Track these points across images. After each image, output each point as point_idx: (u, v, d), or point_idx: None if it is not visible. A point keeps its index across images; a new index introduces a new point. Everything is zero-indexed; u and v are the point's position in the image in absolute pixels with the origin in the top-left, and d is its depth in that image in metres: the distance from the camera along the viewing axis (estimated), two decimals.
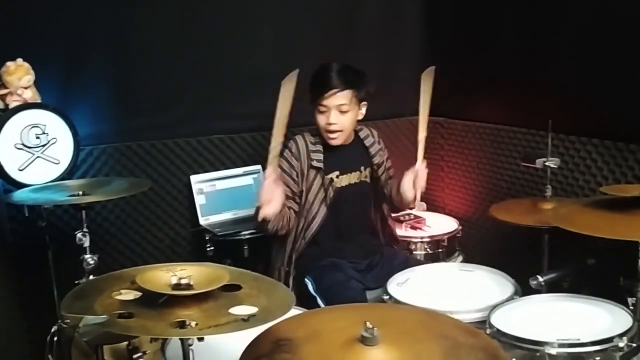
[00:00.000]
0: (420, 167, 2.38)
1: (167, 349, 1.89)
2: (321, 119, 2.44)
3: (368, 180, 2.61)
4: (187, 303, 1.35)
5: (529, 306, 1.91)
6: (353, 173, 2.54)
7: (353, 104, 2.43)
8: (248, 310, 1.37)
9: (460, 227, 3.00)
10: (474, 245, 3.19)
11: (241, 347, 1.43)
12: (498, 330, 1.74)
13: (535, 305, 1.91)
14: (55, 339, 2.61)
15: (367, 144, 2.61)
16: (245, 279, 1.54)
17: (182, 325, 1.26)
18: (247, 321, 1.31)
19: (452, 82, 3.27)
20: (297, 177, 2.47)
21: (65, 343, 2.67)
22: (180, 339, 1.41)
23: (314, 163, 2.46)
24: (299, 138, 2.52)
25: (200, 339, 1.39)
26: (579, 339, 1.63)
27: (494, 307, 1.89)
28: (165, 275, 1.42)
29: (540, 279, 2.03)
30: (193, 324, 1.30)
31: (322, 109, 2.43)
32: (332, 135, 2.46)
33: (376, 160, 2.61)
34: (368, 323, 1.36)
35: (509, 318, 1.83)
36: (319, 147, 2.49)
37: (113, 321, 1.24)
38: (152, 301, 1.36)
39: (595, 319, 1.78)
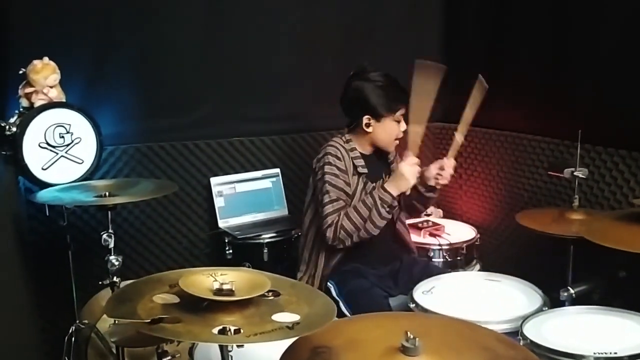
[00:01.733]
0: (448, 162, 2.41)
1: (195, 352, 1.88)
2: (395, 129, 2.46)
3: None
4: (229, 309, 1.34)
5: (560, 318, 1.89)
6: (380, 181, 2.53)
7: None
8: (291, 317, 1.35)
9: (479, 236, 2.99)
10: (492, 254, 3.17)
11: (275, 353, 1.42)
12: (532, 342, 1.72)
13: (567, 317, 1.89)
14: (74, 339, 2.61)
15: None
16: (283, 285, 1.53)
17: (227, 331, 1.25)
18: (292, 329, 1.29)
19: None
20: (348, 180, 2.44)
21: (82, 344, 2.66)
22: (219, 345, 1.40)
23: (360, 169, 2.45)
24: (333, 148, 2.44)
25: (240, 345, 1.38)
26: (616, 353, 1.62)
27: (525, 319, 1.88)
28: (206, 280, 1.40)
29: (571, 290, 2.02)
30: (240, 330, 1.29)
31: (397, 118, 2.45)
32: (398, 142, 2.51)
33: (393, 167, 2.62)
34: (409, 333, 1.35)
35: (541, 330, 1.82)
36: (357, 154, 2.47)
37: (160, 326, 1.23)
38: (194, 306, 1.35)
39: (629, 332, 1.76)
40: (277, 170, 3.13)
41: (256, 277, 1.46)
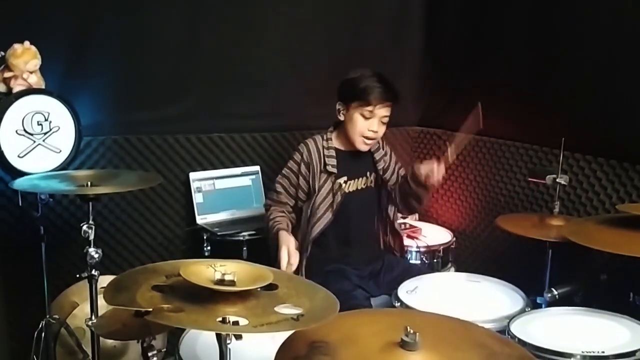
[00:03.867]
0: (438, 168, 2.37)
1: (181, 347, 1.84)
2: (362, 124, 2.42)
3: (373, 185, 2.60)
4: (231, 300, 1.31)
5: (545, 318, 1.93)
6: (360, 179, 2.53)
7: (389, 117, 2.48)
8: (293, 310, 1.33)
9: (455, 239, 3.03)
10: (467, 257, 3.22)
11: (271, 349, 1.40)
12: (520, 340, 1.75)
13: (552, 318, 1.93)
14: (43, 335, 2.52)
15: (372, 150, 2.60)
16: (280, 278, 1.51)
17: (234, 322, 1.22)
18: (297, 321, 1.27)
19: (453, 94, 3.30)
20: (300, 183, 2.47)
21: (51, 339, 2.58)
22: (217, 336, 1.37)
23: (329, 168, 2.45)
24: (310, 142, 2.51)
25: (239, 337, 1.35)
26: (603, 352, 1.65)
27: (511, 318, 1.90)
28: (207, 271, 1.37)
29: (555, 292, 2.06)
30: (238, 322, 1.26)
31: (367, 114, 2.41)
32: (367, 142, 2.46)
33: (380, 165, 2.60)
34: (409, 328, 1.35)
35: (528, 329, 1.85)
36: (332, 152, 2.47)
37: (165, 314, 1.19)
38: (194, 296, 1.32)
39: (614, 333, 1.81)
40: (257, 167, 3.11)
41: (256, 269, 1.44)
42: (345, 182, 2.50)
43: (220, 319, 1.23)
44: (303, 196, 2.50)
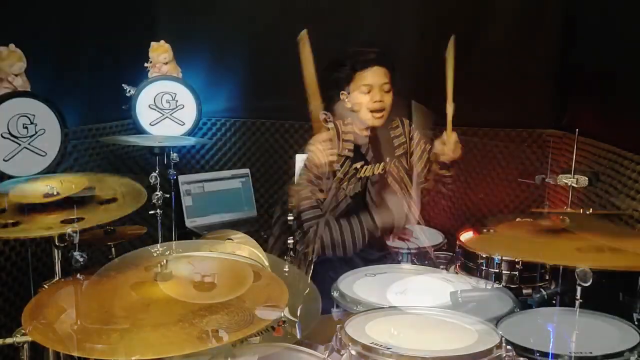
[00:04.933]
0: (447, 136, 2.32)
1: None
2: (364, 99, 2.34)
3: (389, 169, 2.49)
4: None
5: (533, 319, 1.91)
6: (379, 164, 2.45)
7: (390, 84, 2.37)
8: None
9: (446, 240, 3.01)
10: None
11: None
12: (508, 341, 1.72)
13: (540, 318, 1.91)
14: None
15: (392, 135, 2.51)
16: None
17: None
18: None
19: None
20: (322, 186, 2.37)
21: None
22: None
23: (345, 152, 2.39)
24: (314, 149, 2.31)
25: None
26: (591, 352, 1.63)
27: (500, 319, 1.88)
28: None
29: (544, 292, 2.04)
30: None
31: (364, 88, 2.33)
32: (377, 115, 2.36)
33: (398, 152, 2.51)
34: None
35: (516, 330, 1.82)
36: (350, 137, 2.39)
37: None
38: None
39: (601, 332, 1.79)
40: (247, 170, 3.09)
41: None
42: (362, 166, 2.42)
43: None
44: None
